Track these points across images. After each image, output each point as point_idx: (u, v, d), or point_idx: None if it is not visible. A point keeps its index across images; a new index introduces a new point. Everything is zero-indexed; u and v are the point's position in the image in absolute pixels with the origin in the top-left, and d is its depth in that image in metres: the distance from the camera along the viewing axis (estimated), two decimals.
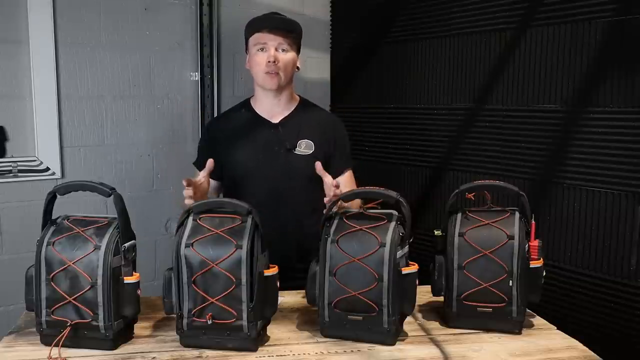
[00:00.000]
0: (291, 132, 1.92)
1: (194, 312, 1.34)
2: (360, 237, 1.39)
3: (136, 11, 2.72)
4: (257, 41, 1.88)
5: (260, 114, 1.96)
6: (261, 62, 1.87)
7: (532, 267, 1.47)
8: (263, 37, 1.87)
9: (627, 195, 1.98)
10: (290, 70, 1.91)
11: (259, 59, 1.88)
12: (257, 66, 1.89)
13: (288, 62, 1.88)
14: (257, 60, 1.88)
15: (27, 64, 2.49)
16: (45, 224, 1.40)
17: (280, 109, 1.95)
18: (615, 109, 2.01)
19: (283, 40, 1.87)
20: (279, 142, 1.90)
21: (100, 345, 1.36)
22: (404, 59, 2.76)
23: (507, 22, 2.33)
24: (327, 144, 1.94)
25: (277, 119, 1.95)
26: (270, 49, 1.86)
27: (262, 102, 1.96)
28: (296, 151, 1.90)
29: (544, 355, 1.38)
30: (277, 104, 1.95)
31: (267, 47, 1.86)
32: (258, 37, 1.88)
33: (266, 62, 1.85)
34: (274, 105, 1.95)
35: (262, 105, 1.96)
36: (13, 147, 2.52)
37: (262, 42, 1.87)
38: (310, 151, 1.90)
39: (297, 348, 1.39)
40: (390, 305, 1.36)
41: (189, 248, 1.33)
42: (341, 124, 2.05)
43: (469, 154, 2.50)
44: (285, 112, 1.96)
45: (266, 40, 1.86)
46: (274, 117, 1.95)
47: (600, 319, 2.07)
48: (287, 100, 1.96)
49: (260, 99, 1.97)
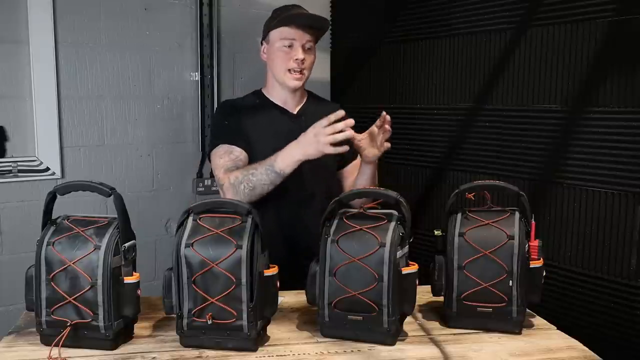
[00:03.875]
0: (312, 122, 1.87)
1: (194, 312, 1.34)
2: (360, 237, 1.39)
3: (136, 11, 2.72)
4: (284, 35, 1.84)
5: (278, 104, 1.95)
6: (286, 58, 1.84)
7: (532, 267, 1.47)
8: (292, 33, 1.83)
9: (627, 195, 1.98)
10: (311, 68, 1.91)
11: (285, 55, 1.85)
12: (281, 62, 1.86)
13: (312, 61, 1.89)
14: (281, 56, 1.85)
15: (27, 64, 2.49)
16: (45, 224, 1.40)
17: (297, 100, 1.96)
18: (615, 109, 2.01)
19: (311, 38, 1.85)
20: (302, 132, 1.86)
21: (100, 345, 1.36)
22: (404, 59, 2.76)
23: (507, 22, 2.33)
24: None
25: (296, 110, 1.95)
26: (298, 48, 1.83)
27: (278, 93, 1.94)
28: None
29: (544, 355, 1.38)
30: (293, 97, 1.95)
31: (294, 45, 1.83)
32: (285, 32, 1.84)
33: (293, 60, 1.83)
34: (290, 98, 1.95)
35: (278, 96, 1.95)
36: (13, 147, 2.52)
37: (290, 38, 1.84)
38: None
39: (297, 348, 1.39)
40: (390, 305, 1.36)
41: (189, 248, 1.33)
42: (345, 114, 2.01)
43: (469, 154, 2.50)
44: (300, 103, 1.96)
45: (295, 37, 1.83)
46: (292, 108, 1.95)
47: (600, 319, 2.06)
48: (301, 92, 1.97)
49: (275, 90, 1.95)
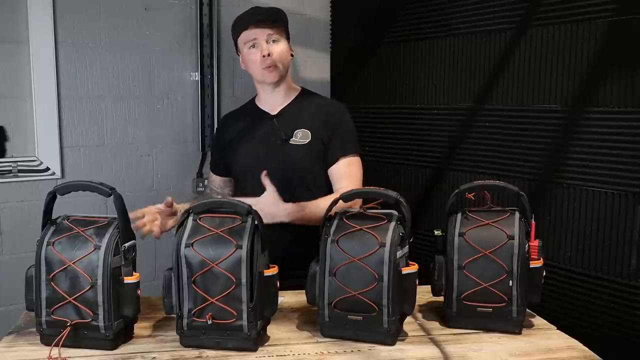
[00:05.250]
0: (287, 123, 1.91)
1: (194, 312, 1.34)
2: (360, 237, 1.39)
3: (136, 11, 2.72)
4: (246, 39, 1.87)
5: (262, 108, 1.97)
6: (255, 59, 1.86)
7: (532, 267, 1.47)
8: (251, 34, 1.85)
9: (627, 195, 1.98)
10: (286, 59, 1.90)
11: (253, 56, 1.86)
12: (253, 64, 1.88)
13: (282, 52, 1.87)
14: (251, 59, 1.87)
15: (27, 64, 2.50)
16: (45, 224, 1.40)
17: (280, 100, 1.95)
18: (615, 109, 2.01)
19: (272, 31, 1.85)
20: (275, 134, 1.90)
21: (100, 345, 1.35)
22: (404, 59, 2.77)
23: (507, 22, 2.33)
24: (325, 131, 1.89)
25: (276, 111, 1.95)
26: (261, 44, 1.84)
27: (263, 97, 1.97)
28: (291, 141, 1.88)
29: (544, 355, 1.38)
30: (277, 96, 1.95)
31: (257, 43, 1.85)
32: (246, 35, 1.87)
33: (261, 58, 1.84)
34: (274, 98, 1.95)
35: (264, 100, 1.97)
36: (13, 147, 2.52)
37: (251, 39, 1.86)
38: (307, 141, 1.88)
39: (297, 348, 1.39)
40: (390, 305, 1.36)
41: (189, 248, 1.33)
42: (343, 109, 1.97)
43: (469, 154, 2.50)
44: (284, 103, 1.96)
45: (255, 36, 1.85)
46: (274, 110, 1.95)
47: (600, 319, 2.07)
48: (285, 90, 1.95)
49: (260, 94, 1.98)
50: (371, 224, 1.40)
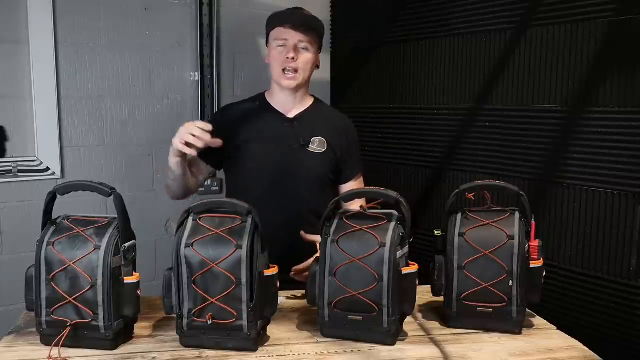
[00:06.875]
0: (306, 128, 1.90)
1: (194, 312, 1.34)
2: (360, 237, 1.39)
3: (136, 11, 2.72)
4: (277, 36, 1.86)
5: (276, 107, 1.94)
6: (279, 57, 1.85)
7: (532, 267, 1.47)
8: (284, 33, 1.85)
9: (627, 195, 1.98)
10: (310, 69, 1.90)
11: (278, 54, 1.86)
12: (275, 62, 1.87)
13: (307, 62, 1.87)
14: (275, 56, 1.86)
15: (27, 64, 2.50)
16: (45, 224, 1.40)
17: (294, 104, 1.94)
18: (615, 109, 2.01)
19: (304, 38, 1.85)
20: (294, 137, 1.88)
21: (100, 345, 1.35)
22: (404, 59, 2.76)
23: (507, 22, 2.33)
24: (340, 147, 1.93)
25: (293, 114, 1.93)
26: (289, 47, 1.84)
27: (277, 96, 1.94)
28: (309, 148, 1.88)
29: (544, 355, 1.38)
30: (292, 101, 1.94)
31: (287, 44, 1.84)
32: (279, 32, 1.86)
33: (284, 58, 1.84)
34: (289, 102, 1.93)
35: (277, 99, 1.94)
36: (13, 147, 2.52)
37: (282, 38, 1.85)
38: (323, 149, 1.89)
39: (297, 348, 1.39)
40: (390, 305, 1.36)
41: (189, 248, 1.33)
42: (353, 127, 2.03)
43: (469, 154, 2.50)
44: (300, 108, 1.95)
45: (287, 37, 1.84)
46: (289, 112, 1.93)
47: (600, 319, 2.07)
48: (302, 97, 1.95)
49: (275, 93, 1.95)
50: (371, 224, 1.40)
